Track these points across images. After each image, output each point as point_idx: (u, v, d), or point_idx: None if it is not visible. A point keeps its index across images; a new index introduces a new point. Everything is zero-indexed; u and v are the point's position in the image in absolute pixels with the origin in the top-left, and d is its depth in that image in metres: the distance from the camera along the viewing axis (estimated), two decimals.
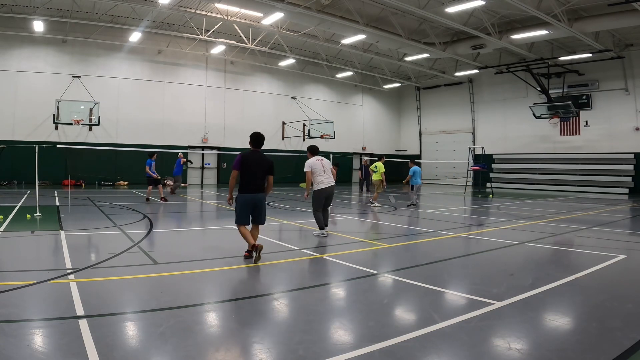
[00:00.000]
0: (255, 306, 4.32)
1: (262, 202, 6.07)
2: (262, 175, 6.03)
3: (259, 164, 6.00)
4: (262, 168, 6.01)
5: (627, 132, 22.50)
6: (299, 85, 28.72)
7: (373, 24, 18.94)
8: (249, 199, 6.00)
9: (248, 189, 5.97)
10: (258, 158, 6.03)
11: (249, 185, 5.96)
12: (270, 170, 6.08)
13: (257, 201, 6.02)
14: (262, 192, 6.08)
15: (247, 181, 5.96)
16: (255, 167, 5.96)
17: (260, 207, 6.08)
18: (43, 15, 18.32)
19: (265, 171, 6.04)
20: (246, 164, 5.94)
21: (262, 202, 6.07)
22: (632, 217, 12.97)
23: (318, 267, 6.11)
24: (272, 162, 6.12)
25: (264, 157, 6.09)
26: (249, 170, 5.94)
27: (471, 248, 7.93)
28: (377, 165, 14.60)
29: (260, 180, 6.03)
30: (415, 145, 32.95)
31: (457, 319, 3.88)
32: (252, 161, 5.97)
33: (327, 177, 8.23)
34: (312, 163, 8.23)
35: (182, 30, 21.50)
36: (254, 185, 5.97)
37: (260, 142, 6.12)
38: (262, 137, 6.17)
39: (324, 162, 8.31)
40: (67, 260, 5.83)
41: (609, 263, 6.31)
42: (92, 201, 13.76)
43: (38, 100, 19.97)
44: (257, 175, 5.97)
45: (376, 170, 14.58)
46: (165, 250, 6.95)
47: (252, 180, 5.96)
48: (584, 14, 17.50)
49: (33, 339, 3.29)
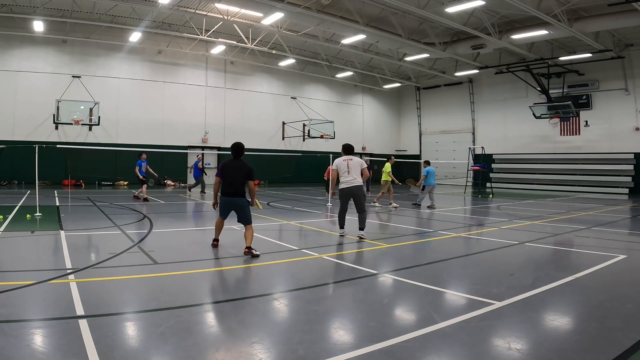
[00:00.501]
0: (255, 306, 4.32)
1: (238, 204, 6.62)
2: (240, 180, 6.58)
3: (238, 171, 6.60)
4: (239, 174, 6.58)
5: (627, 132, 22.50)
6: (299, 85, 28.72)
7: (373, 24, 18.94)
8: (225, 201, 6.67)
9: (225, 193, 6.65)
10: (236, 166, 6.65)
11: (226, 190, 6.63)
12: (248, 176, 6.59)
13: (233, 204, 6.64)
14: (240, 196, 6.61)
15: (225, 186, 6.64)
16: (233, 174, 6.59)
17: (238, 209, 6.64)
18: (43, 15, 18.32)
19: (243, 177, 6.58)
20: (225, 172, 6.61)
21: (238, 205, 6.62)
22: (632, 217, 12.97)
23: (318, 267, 6.11)
24: (250, 169, 6.62)
25: (242, 165, 6.65)
26: (227, 177, 6.60)
27: (471, 248, 7.93)
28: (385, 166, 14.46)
29: (238, 185, 6.58)
30: (415, 145, 32.95)
31: (457, 319, 3.88)
32: (231, 169, 6.62)
33: (350, 177, 8.06)
34: (337, 162, 8.23)
35: (182, 30, 21.50)
36: (230, 189, 6.59)
37: (239, 152, 6.73)
38: (241, 147, 6.77)
39: (351, 162, 8.14)
40: (67, 260, 5.83)
41: (609, 263, 6.31)
42: (92, 201, 13.76)
43: (38, 100, 19.97)
44: (235, 181, 6.56)
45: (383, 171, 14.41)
46: (165, 250, 6.94)
47: (229, 186, 6.59)
48: (584, 14, 17.50)
49: (33, 339, 3.29)
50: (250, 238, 6.43)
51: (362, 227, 8.14)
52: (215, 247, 6.83)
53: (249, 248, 6.33)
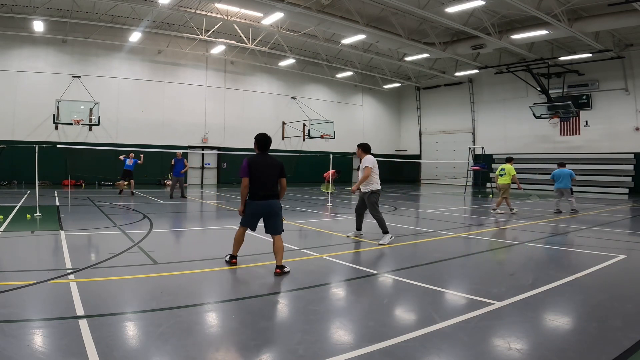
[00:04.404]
0: (255, 306, 4.32)
1: (274, 210, 5.49)
2: (274, 179, 5.50)
3: (269, 167, 5.47)
4: (272, 172, 5.48)
5: (627, 132, 22.50)
6: (299, 85, 28.72)
7: (373, 24, 18.94)
8: (261, 206, 5.47)
9: (259, 196, 5.44)
10: (267, 161, 5.51)
11: (260, 192, 5.43)
12: (282, 173, 5.55)
13: (269, 208, 5.48)
14: (275, 198, 5.52)
15: (258, 187, 5.43)
16: (265, 171, 5.44)
17: (274, 215, 5.50)
18: (43, 15, 18.32)
19: (276, 175, 5.50)
20: (255, 169, 5.42)
21: (273, 210, 5.49)
22: (632, 217, 12.97)
23: (318, 267, 6.11)
24: (282, 164, 5.60)
25: (273, 160, 5.56)
26: (258, 175, 5.42)
27: (471, 248, 7.93)
28: (504, 168, 13.12)
29: (272, 184, 5.50)
30: (415, 146, 32.95)
31: (457, 319, 3.88)
32: (262, 165, 5.46)
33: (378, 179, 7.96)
34: (373, 161, 7.90)
35: (182, 30, 21.51)
36: (265, 191, 5.43)
37: (268, 145, 5.57)
38: (269, 139, 5.59)
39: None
40: (67, 260, 5.83)
41: (609, 263, 6.31)
42: (92, 201, 13.76)
43: (38, 100, 19.97)
44: (268, 180, 5.44)
45: (504, 174, 13.04)
46: (165, 250, 6.95)
47: (263, 186, 5.42)
48: (584, 14, 17.50)
49: (33, 339, 3.29)
50: (282, 254, 5.42)
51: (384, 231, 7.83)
52: (233, 264, 5.75)
53: (281, 268, 5.35)
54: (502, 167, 13.26)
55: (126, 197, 15.35)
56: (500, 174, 13.17)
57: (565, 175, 13.16)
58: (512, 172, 12.94)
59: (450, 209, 14.30)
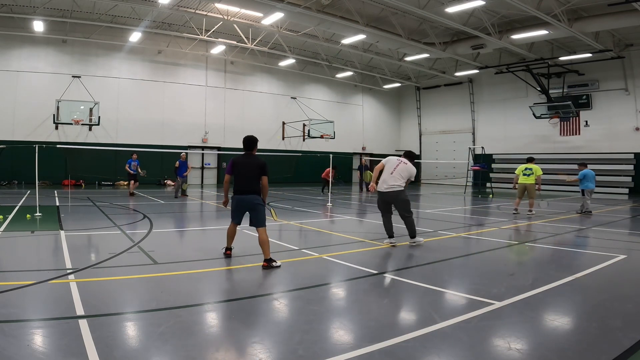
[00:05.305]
0: (255, 306, 4.32)
1: (252, 203, 6.00)
2: (253, 177, 6.01)
3: (250, 166, 6.04)
4: (253, 170, 6.01)
5: (627, 132, 22.50)
6: (299, 85, 28.72)
7: (373, 24, 18.94)
8: (242, 200, 6.08)
9: (240, 192, 6.06)
10: (248, 161, 6.10)
11: (241, 188, 6.05)
12: (262, 172, 6.02)
13: (245, 202, 6.05)
14: (254, 193, 6.00)
15: (239, 184, 6.07)
16: (244, 169, 6.04)
17: (252, 209, 6.03)
18: (43, 15, 18.32)
19: (257, 173, 6.01)
20: (237, 168, 6.09)
21: (252, 204, 6.00)
22: (632, 217, 12.97)
23: (318, 267, 6.11)
24: (263, 164, 6.07)
25: (256, 159, 6.09)
26: (238, 173, 6.07)
27: (471, 248, 7.92)
28: (530, 167, 12.54)
29: (251, 182, 6.01)
30: (415, 146, 32.89)
31: (457, 319, 3.88)
32: (244, 164, 6.08)
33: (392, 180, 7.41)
34: (389, 158, 7.74)
35: (182, 30, 21.51)
36: (243, 187, 6.02)
37: (250, 145, 6.17)
38: (252, 140, 6.20)
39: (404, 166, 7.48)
40: (67, 260, 5.83)
41: (609, 263, 6.31)
42: (92, 201, 13.76)
43: (38, 100, 19.97)
44: (247, 177, 6.00)
45: (531, 173, 12.50)
46: (165, 250, 6.94)
47: (241, 183, 6.04)
48: (584, 14, 17.50)
49: (33, 339, 3.29)
50: (266, 246, 5.80)
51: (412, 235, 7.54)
52: (228, 256, 6.28)
53: (268, 261, 5.71)
54: (527, 166, 12.63)
55: (125, 197, 15.35)
56: (526, 174, 12.58)
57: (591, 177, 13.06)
58: (538, 172, 12.45)
59: (450, 209, 14.30)
